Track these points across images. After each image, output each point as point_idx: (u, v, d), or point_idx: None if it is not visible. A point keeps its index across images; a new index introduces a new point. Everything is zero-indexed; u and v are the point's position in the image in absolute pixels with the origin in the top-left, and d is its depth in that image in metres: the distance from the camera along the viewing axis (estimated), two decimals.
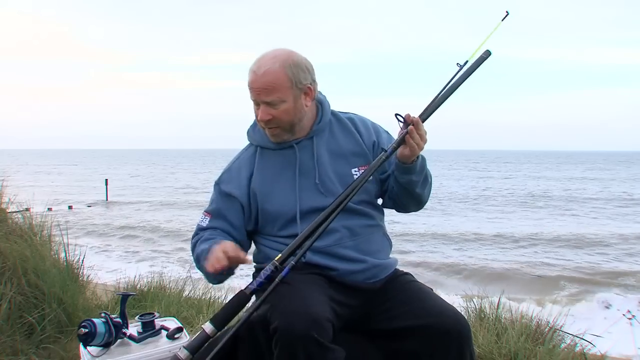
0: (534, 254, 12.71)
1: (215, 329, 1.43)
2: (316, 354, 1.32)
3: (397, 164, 1.62)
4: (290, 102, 1.60)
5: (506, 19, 1.60)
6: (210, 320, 1.44)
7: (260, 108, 1.61)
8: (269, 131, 1.66)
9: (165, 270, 4.35)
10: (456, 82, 1.63)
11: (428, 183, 1.70)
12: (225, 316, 1.46)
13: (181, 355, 1.39)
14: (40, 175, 43.69)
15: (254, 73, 1.60)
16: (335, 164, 1.68)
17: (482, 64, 1.64)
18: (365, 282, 1.63)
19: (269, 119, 1.61)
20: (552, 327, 2.73)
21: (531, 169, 63.35)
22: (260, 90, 1.58)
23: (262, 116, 1.61)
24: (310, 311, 1.36)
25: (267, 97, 1.58)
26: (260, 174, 1.70)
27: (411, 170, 1.61)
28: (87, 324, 1.61)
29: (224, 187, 1.72)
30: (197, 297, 3.94)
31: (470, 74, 1.63)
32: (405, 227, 15.65)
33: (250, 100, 1.66)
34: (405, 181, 1.63)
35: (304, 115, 1.66)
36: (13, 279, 2.54)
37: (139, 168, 64.82)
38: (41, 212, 3.82)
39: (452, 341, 1.47)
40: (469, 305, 3.04)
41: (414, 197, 1.69)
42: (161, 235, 15.79)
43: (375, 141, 1.74)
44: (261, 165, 1.71)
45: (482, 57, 1.63)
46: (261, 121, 1.63)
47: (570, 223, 18.05)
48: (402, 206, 1.76)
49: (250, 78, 1.61)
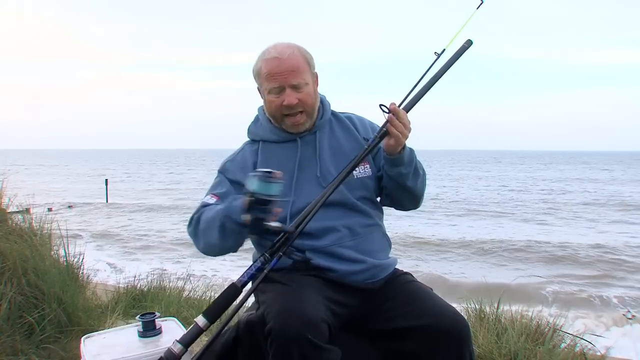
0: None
1: (208, 322, 1.44)
2: (310, 355, 1.33)
3: (385, 157, 1.62)
4: (311, 85, 1.65)
5: (482, 6, 1.62)
6: (202, 313, 1.45)
7: (287, 92, 1.61)
8: (291, 119, 1.65)
9: (165, 270, 4.35)
10: (439, 71, 1.62)
11: (419, 176, 1.68)
12: (217, 309, 1.46)
13: (175, 349, 1.41)
14: (39, 176, 43.69)
15: (276, 59, 1.61)
16: (335, 160, 1.69)
17: (464, 54, 1.63)
18: (364, 282, 1.62)
19: (295, 102, 1.62)
20: (552, 327, 2.73)
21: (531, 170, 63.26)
22: (287, 73, 1.60)
23: (289, 100, 1.61)
24: (304, 312, 1.36)
25: (294, 80, 1.61)
26: (264, 164, 1.67)
27: (399, 162, 1.60)
28: None
29: (230, 175, 1.71)
30: (197, 297, 3.95)
31: (453, 64, 1.62)
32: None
33: (263, 92, 1.66)
34: (395, 174, 1.62)
35: (318, 102, 1.71)
36: (13, 279, 2.54)
37: (138, 168, 64.87)
38: (41, 212, 3.82)
39: (452, 341, 1.47)
40: (469, 305, 3.04)
41: (407, 190, 1.67)
42: (161, 235, 15.79)
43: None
44: (264, 158, 1.71)
45: (464, 46, 1.63)
46: (288, 106, 1.62)
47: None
48: (398, 202, 1.75)
49: (271, 64, 1.62)
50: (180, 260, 11.24)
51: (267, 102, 1.68)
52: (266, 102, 1.69)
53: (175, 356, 1.41)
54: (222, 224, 1.49)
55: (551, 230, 16.37)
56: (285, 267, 1.57)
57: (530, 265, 11.46)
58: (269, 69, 1.62)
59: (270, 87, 1.64)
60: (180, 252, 12.66)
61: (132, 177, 47.14)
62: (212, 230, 1.52)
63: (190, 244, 1.69)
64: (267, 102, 1.69)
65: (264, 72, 1.63)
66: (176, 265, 9.55)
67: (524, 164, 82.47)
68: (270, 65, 1.62)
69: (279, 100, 1.63)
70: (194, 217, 1.63)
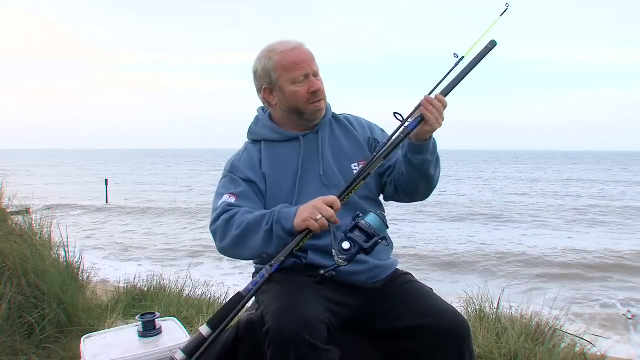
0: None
1: (212, 331, 1.42)
2: (308, 355, 1.33)
3: (410, 145, 1.59)
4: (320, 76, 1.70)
5: (506, 13, 1.58)
6: (207, 322, 1.44)
7: (312, 80, 1.64)
8: (316, 105, 1.67)
9: (165, 270, 4.35)
10: (461, 73, 1.59)
11: (439, 164, 1.69)
12: (221, 318, 1.44)
13: (177, 357, 1.39)
14: (38, 176, 43.68)
15: (297, 49, 1.64)
16: (336, 159, 1.70)
17: (489, 54, 1.60)
18: (365, 282, 1.62)
19: (321, 89, 1.66)
20: (552, 327, 2.73)
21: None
22: (309, 61, 1.65)
23: (317, 85, 1.65)
24: (301, 312, 1.37)
25: (316, 67, 1.67)
26: (268, 162, 1.69)
27: (426, 149, 1.59)
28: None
29: (240, 175, 1.67)
30: (197, 297, 3.95)
31: (477, 64, 1.60)
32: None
33: (281, 86, 1.65)
34: (419, 162, 1.60)
35: None
36: (13, 279, 2.55)
37: (139, 168, 64.86)
38: (41, 212, 3.82)
39: (452, 341, 1.47)
40: (469, 305, 3.04)
41: (428, 178, 1.66)
42: (162, 235, 15.79)
43: (370, 137, 1.77)
44: (267, 156, 1.70)
45: (488, 47, 1.61)
46: (317, 91, 1.65)
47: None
48: (413, 192, 1.71)
49: (294, 54, 1.64)
50: (180, 260, 11.23)
51: (291, 94, 1.65)
52: (288, 95, 1.66)
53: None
54: (270, 229, 1.49)
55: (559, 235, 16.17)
56: (286, 268, 1.57)
57: (529, 267, 11.47)
58: (292, 58, 1.63)
59: (296, 76, 1.63)
60: (180, 252, 12.66)
61: (132, 176, 47.12)
62: (254, 233, 1.51)
63: (191, 244, 1.67)
64: (289, 95, 1.65)
65: (287, 63, 1.63)
66: (176, 265, 9.55)
67: (544, 164, 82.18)
68: (294, 55, 1.63)
69: (305, 88, 1.64)
70: (220, 217, 1.58)
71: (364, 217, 1.45)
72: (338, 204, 1.46)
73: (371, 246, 1.42)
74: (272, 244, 1.50)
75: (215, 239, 1.60)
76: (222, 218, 1.57)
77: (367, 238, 1.42)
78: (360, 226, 1.43)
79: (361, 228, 1.43)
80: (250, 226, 1.52)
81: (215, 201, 1.65)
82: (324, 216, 1.43)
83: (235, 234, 1.53)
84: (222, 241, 1.57)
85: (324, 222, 1.43)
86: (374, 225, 1.43)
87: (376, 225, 1.44)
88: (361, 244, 1.41)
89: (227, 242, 1.56)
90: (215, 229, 1.59)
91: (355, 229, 1.43)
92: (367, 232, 1.42)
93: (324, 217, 1.43)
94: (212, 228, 1.61)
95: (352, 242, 1.42)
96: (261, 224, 1.51)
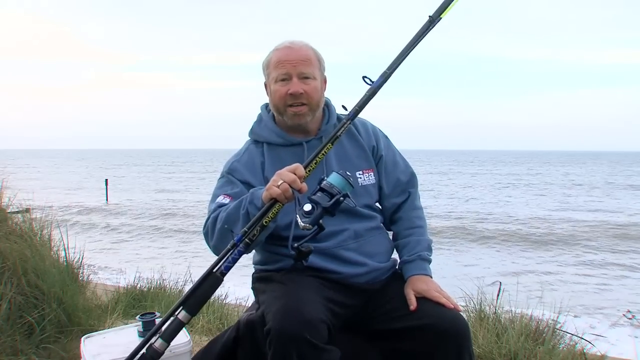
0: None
1: (189, 315, 1.39)
2: (309, 355, 1.33)
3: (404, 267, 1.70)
4: (318, 81, 1.65)
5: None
6: (182, 306, 1.39)
7: (293, 81, 1.61)
8: (293, 109, 1.62)
9: (165, 270, 4.35)
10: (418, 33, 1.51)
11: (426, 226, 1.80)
12: (197, 301, 1.40)
13: (157, 344, 1.37)
14: (38, 176, 43.67)
15: (288, 48, 1.63)
16: (341, 166, 1.67)
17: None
18: (365, 284, 1.63)
19: (301, 92, 1.60)
20: (552, 327, 2.73)
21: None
22: (297, 62, 1.61)
23: (295, 88, 1.60)
24: (303, 312, 1.36)
25: (304, 69, 1.61)
26: (271, 167, 1.65)
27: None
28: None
29: (239, 176, 1.66)
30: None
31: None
32: None
33: (269, 83, 1.66)
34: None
35: (322, 102, 1.70)
36: (13, 279, 2.54)
37: (139, 168, 64.83)
38: (41, 212, 3.82)
39: (451, 341, 1.47)
40: (469, 305, 3.04)
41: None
42: (162, 235, 15.79)
43: (374, 146, 1.76)
44: (270, 160, 1.69)
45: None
46: (293, 94, 1.60)
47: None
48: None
49: (282, 52, 1.63)
50: (180, 260, 11.23)
51: (273, 92, 1.65)
52: (271, 93, 1.67)
53: (158, 353, 1.37)
54: (246, 212, 1.47)
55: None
56: (286, 268, 1.57)
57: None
58: (279, 56, 1.63)
59: (278, 74, 1.62)
60: (180, 252, 12.66)
61: (132, 176, 47.10)
62: (235, 221, 1.49)
63: (191, 245, 1.66)
64: (272, 93, 1.66)
65: (274, 60, 1.63)
66: (176, 265, 9.55)
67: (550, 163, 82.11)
68: (281, 53, 1.63)
69: (285, 89, 1.61)
70: (210, 217, 1.58)
71: (327, 178, 1.40)
72: (301, 170, 1.39)
73: (332, 204, 1.35)
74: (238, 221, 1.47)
75: (207, 240, 1.59)
76: (211, 218, 1.57)
77: (329, 198, 1.36)
78: (323, 187, 1.37)
79: (323, 189, 1.37)
80: (230, 215, 1.51)
81: (210, 204, 1.64)
82: (285, 181, 1.36)
83: (219, 228, 1.53)
84: (211, 240, 1.57)
85: (286, 187, 1.36)
86: (336, 185, 1.37)
87: (339, 184, 1.38)
88: (323, 205, 1.35)
89: (215, 239, 1.55)
90: (207, 231, 1.59)
91: (318, 191, 1.38)
92: (330, 192, 1.36)
93: (285, 181, 1.36)
94: (204, 231, 1.60)
95: (314, 204, 1.36)
96: (239, 210, 1.50)
